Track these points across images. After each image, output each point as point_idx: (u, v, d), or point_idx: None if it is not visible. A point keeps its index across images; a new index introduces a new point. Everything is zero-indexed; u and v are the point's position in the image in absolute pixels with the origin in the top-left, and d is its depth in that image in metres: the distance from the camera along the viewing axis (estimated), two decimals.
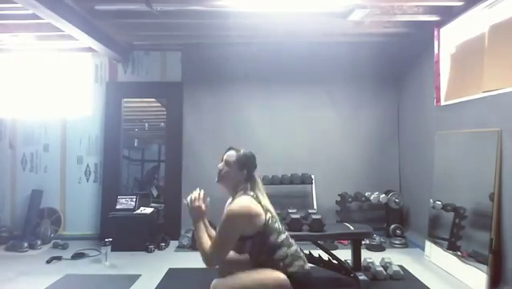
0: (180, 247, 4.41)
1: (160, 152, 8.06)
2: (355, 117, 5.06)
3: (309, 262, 2.95)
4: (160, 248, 4.36)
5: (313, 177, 4.76)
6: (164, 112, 5.52)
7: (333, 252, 3.25)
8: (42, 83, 5.09)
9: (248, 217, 1.88)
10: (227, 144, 2.27)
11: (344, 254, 3.45)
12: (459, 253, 3.33)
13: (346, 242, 4.25)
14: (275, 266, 1.90)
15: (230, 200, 2.11)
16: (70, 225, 4.94)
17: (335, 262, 3.19)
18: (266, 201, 2.02)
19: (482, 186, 3.14)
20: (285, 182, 4.69)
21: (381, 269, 3.33)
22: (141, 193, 6.06)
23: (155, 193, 7.04)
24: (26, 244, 4.38)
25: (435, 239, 3.78)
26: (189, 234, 4.44)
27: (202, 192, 2.06)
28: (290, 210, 3.21)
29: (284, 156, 4.93)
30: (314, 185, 4.77)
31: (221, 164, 2.08)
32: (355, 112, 5.07)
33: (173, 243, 4.54)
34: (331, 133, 5.04)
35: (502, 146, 3.00)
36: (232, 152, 2.07)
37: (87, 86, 5.10)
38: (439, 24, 3.96)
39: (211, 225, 2.15)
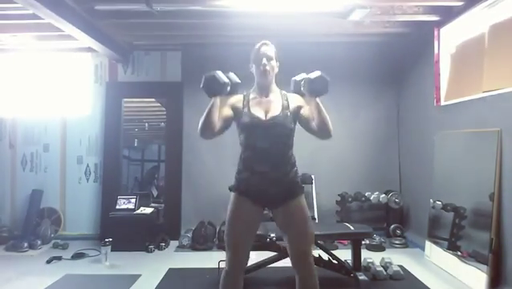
0: (180, 247, 4.41)
1: (160, 152, 8.07)
2: (355, 117, 5.06)
3: None
4: (160, 248, 4.35)
5: (313, 177, 4.75)
6: (164, 112, 5.52)
7: (333, 252, 3.25)
8: (42, 83, 5.09)
9: None
10: (227, 144, 2.28)
11: (344, 254, 3.45)
12: (459, 253, 3.33)
13: (346, 242, 4.24)
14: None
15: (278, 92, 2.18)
16: (70, 225, 4.94)
17: (335, 262, 3.19)
18: None
19: (482, 186, 3.14)
20: None
21: (381, 269, 3.33)
22: (141, 193, 6.06)
23: (155, 193, 7.06)
24: (26, 244, 4.38)
25: (435, 239, 3.77)
26: (189, 234, 4.43)
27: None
28: None
29: None
30: (314, 185, 4.76)
31: (268, 62, 2.11)
32: (355, 112, 5.06)
33: (173, 243, 4.53)
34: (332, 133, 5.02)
35: (502, 146, 3.00)
36: (271, 46, 2.15)
37: (87, 86, 5.09)
38: (439, 24, 3.96)
39: None
